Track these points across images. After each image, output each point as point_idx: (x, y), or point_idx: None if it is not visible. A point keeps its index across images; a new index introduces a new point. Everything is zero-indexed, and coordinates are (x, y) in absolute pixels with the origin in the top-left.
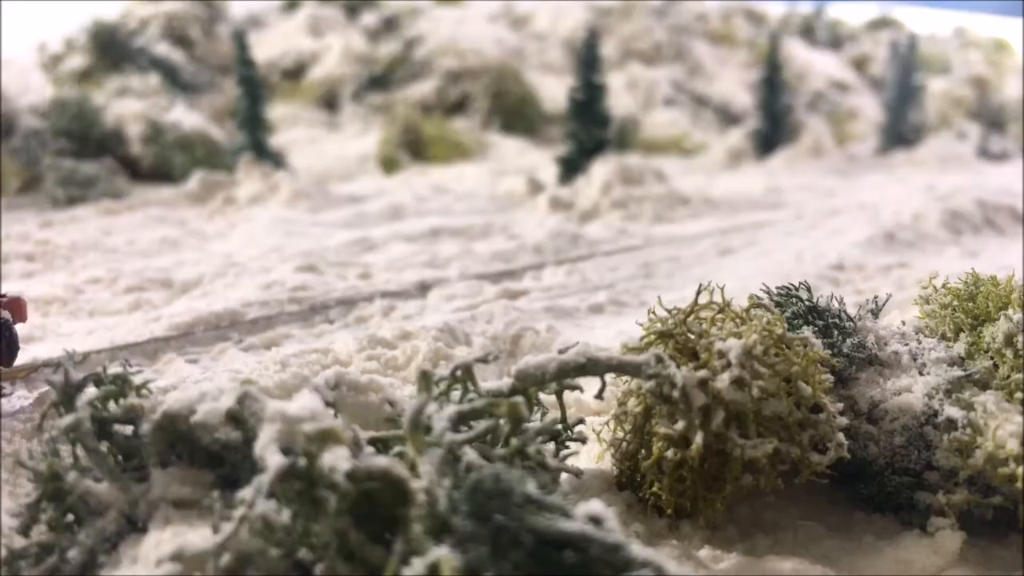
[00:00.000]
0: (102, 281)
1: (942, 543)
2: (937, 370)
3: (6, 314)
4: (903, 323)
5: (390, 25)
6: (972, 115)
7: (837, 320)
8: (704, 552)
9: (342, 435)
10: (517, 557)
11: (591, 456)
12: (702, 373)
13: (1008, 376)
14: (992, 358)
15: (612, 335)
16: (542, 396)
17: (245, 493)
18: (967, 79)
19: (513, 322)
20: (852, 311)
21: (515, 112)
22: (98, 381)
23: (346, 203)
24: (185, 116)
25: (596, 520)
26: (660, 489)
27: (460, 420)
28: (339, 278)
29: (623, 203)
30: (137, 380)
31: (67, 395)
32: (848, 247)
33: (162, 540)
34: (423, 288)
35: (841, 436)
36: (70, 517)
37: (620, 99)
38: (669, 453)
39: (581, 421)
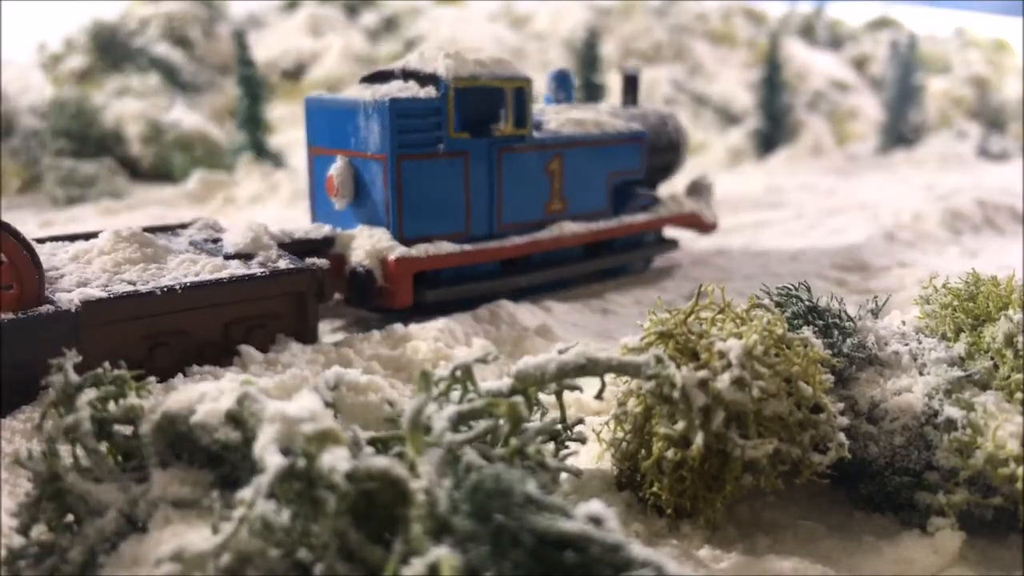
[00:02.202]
0: None
1: (942, 543)
2: (937, 370)
3: None
4: (903, 323)
5: (390, 25)
6: (972, 115)
7: (837, 320)
8: (704, 552)
9: (341, 435)
10: (517, 557)
11: (591, 456)
12: (702, 373)
13: (1008, 376)
14: (992, 358)
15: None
16: (542, 396)
17: (245, 493)
18: (967, 79)
19: (513, 322)
20: (852, 311)
21: None
22: (97, 381)
23: None
24: (185, 116)
25: (596, 520)
26: (660, 489)
27: (460, 420)
28: None
29: None
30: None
31: (67, 395)
32: (848, 247)
33: (162, 540)
34: None
35: (841, 436)
36: (70, 517)
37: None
38: (669, 453)
39: (581, 421)
